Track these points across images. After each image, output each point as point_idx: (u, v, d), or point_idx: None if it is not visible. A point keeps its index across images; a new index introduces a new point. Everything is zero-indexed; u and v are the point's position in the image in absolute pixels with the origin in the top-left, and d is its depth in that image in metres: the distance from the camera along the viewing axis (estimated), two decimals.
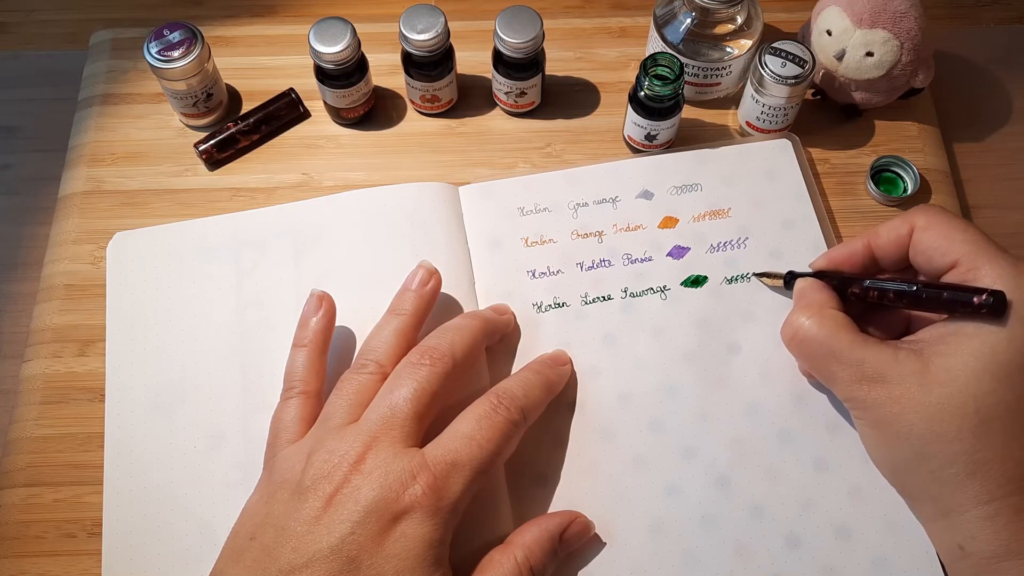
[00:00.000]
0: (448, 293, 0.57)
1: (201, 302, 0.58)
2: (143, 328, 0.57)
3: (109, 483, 0.53)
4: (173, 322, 0.57)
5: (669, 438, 0.53)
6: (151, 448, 0.54)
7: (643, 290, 0.58)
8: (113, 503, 0.52)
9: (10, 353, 0.60)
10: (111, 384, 0.56)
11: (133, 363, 0.56)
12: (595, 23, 0.71)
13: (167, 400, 0.55)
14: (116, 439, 0.54)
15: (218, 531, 0.50)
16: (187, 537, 0.51)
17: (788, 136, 0.63)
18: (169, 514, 0.52)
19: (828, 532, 0.51)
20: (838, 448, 0.53)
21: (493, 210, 0.61)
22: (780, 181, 0.61)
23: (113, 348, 0.57)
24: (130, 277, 0.59)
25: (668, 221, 0.60)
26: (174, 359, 0.56)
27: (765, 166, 0.62)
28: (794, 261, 0.58)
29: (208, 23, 0.69)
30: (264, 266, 0.59)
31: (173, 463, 0.53)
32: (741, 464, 0.53)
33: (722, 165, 0.62)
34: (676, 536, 0.51)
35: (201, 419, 0.54)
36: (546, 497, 0.52)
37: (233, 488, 0.52)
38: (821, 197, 0.62)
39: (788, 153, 0.62)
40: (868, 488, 0.52)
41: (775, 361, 0.55)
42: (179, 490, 0.53)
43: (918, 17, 0.59)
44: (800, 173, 0.62)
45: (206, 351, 0.56)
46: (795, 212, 0.60)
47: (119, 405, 0.55)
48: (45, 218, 0.64)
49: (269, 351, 0.56)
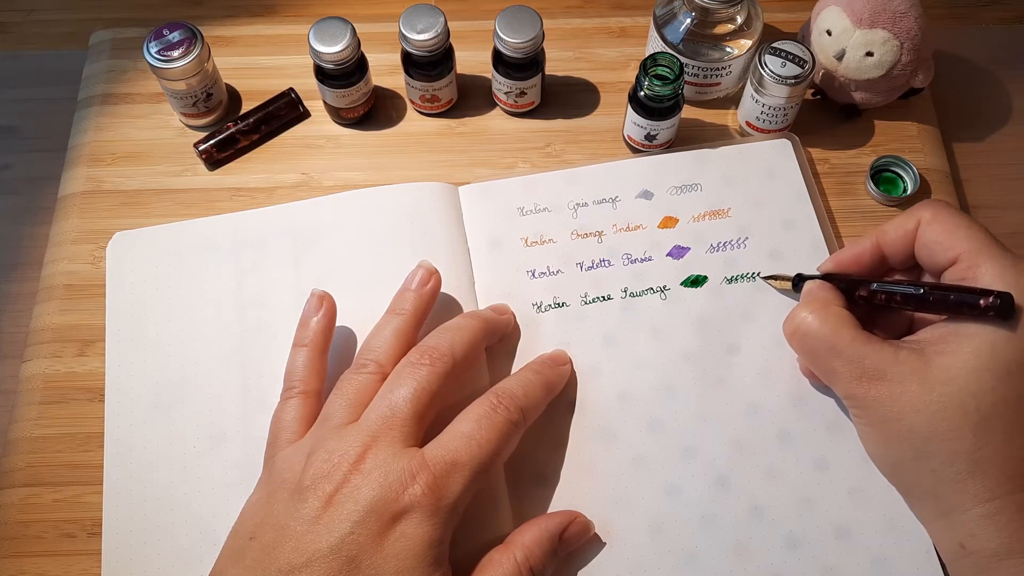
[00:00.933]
0: (448, 293, 0.57)
1: (201, 302, 0.58)
2: (143, 328, 0.57)
3: (109, 482, 0.53)
4: (173, 322, 0.57)
5: (669, 438, 0.53)
6: (151, 448, 0.54)
7: (643, 290, 0.58)
8: (113, 503, 0.52)
9: (10, 353, 0.60)
10: (111, 384, 0.56)
11: (133, 363, 0.56)
12: (595, 23, 0.71)
13: (167, 400, 0.55)
14: (116, 439, 0.54)
15: (218, 531, 0.50)
16: (187, 537, 0.51)
17: (788, 136, 0.63)
18: (169, 514, 0.52)
19: (828, 532, 0.51)
20: (838, 448, 0.53)
21: (493, 210, 0.61)
22: (780, 181, 0.61)
23: (113, 348, 0.57)
24: (130, 277, 0.59)
25: (668, 221, 0.60)
26: (174, 359, 0.56)
27: (765, 166, 0.62)
28: (794, 261, 0.58)
29: (208, 23, 0.69)
30: (264, 266, 0.59)
31: (173, 463, 0.53)
32: (741, 464, 0.53)
33: (722, 165, 0.62)
34: (676, 536, 0.51)
35: (201, 419, 0.54)
36: (546, 497, 0.52)
37: (233, 488, 0.52)
38: (821, 197, 0.62)
39: (788, 153, 0.62)
40: (868, 488, 0.52)
41: (775, 361, 0.55)
42: (179, 490, 0.53)
43: (918, 17, 0.59)
44: (800, 173, 0.62)
45: (206, 351, 0.56)
46: (795, 212, 0.60)
47: (119, 405, 0.55)
48: (45, 218, 0.64)
49: (269, 351, 0.56)
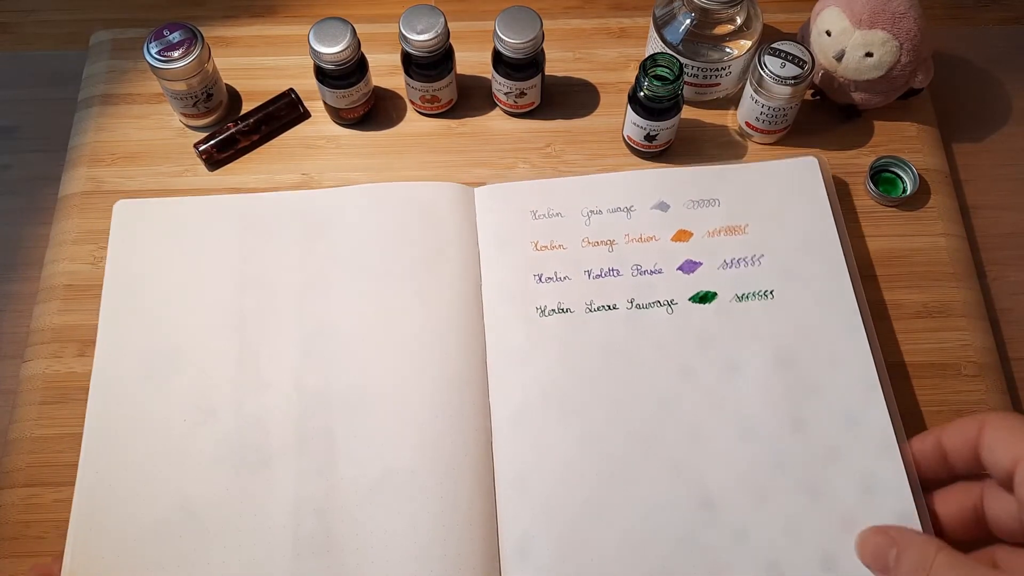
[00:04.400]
0: (455, 293, 0.57)
1: (203, 276, 0.58)
2: (141, 297, 0.57)
3: (88, 443, 0.53)
4: (174, 292, 0.57)
5: (659, 453, 0.53)
6: (138, 414, 0.54)
7: (650, 303, 0.57)
8: (91, 464, 0.52)
9: (10, 353, 0.60)
10: (102, 346, 0.55)
11: (128, 330, 0.56)
12: (595, 23, 0.71)
13: (161, 369, 0.55)
14: (102, 398, 0.54)
15: (198, 507, 0.51)
16: (164, 509, 0.51)
17: (815, 155, 0.62)
18: (149, 484, 0.52)
19: (814, 562, 0.50)
20: (832, 477, 0.52)
21: (506, 212, 0.60)
22: (803, 200, 0.60)
23: (107, 313, 0.57)
24: (132, 244, 0.59)
25: (682, 234, 0.60)
26: (169, 328, 0.56)
27: (789, 184, 0.61)
28: (812, 282, 0.57)
29: (208, 23, 0.69)
30: (271, 248, 0.59)
31: (158, 433, 0.53)
32: (730, 486, 0.52)
33: (743, 182, 0.61)
34: (655, 555, 0.50)
35: (193, 393, 0.54)
36: (528, 502, 0.51)
37: (219, 464, 0.53)
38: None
39: (814, 172, 0.61)
40: (860, 520, 0.49)
41: (776, 385, 0.54)
42: (162, 460, 0.53)
43: (917, 18, 0.59)
44: (825, 193, 0.60)
45: (203, 325, 0.56)
46: (816, 233, 0.59)
47: (108, 367, 0.55)
48: (45, 218, 0.64)
49: (268, 332, 0.56)
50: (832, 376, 0.54)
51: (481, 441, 0.54)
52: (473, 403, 0.54)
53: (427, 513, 0.51)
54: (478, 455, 0.53)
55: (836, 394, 0.54)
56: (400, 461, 0.53)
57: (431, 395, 0.54)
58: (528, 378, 0.55)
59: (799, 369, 0.55)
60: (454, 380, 0.55)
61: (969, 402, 0.56)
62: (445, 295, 0.57)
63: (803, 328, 0.56)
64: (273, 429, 0.54)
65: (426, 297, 0.57)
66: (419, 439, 0.53)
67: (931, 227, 0.62)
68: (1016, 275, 0.63)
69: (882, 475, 0.51)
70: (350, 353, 0.56)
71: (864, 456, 0.52)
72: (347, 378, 0.55)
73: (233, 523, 0.51)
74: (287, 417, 0.54)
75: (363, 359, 0.56)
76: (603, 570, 0.50)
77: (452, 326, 0.56)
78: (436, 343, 0.56)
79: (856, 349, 0.55)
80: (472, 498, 0.52)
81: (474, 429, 0.54)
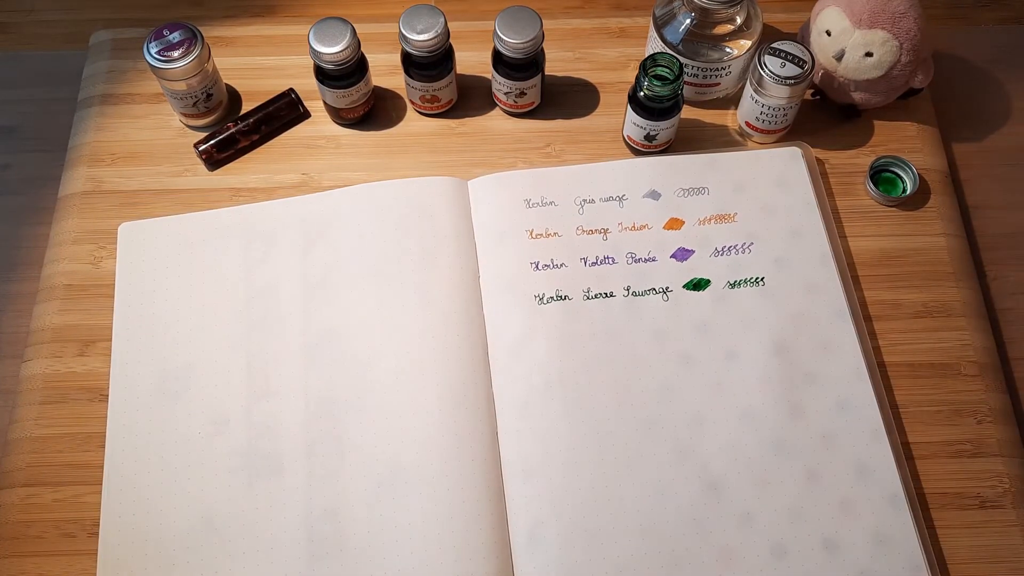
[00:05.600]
0: (454, 286, 0.58)
1: (210, 291, 0.58)
2: (151, 316, 0.58)
3: (110, 466, 0.53)
4: (182, 310, 0.58)
5: (663, 439, 0.53)
6: (155, 432, 0.54)
7: (645, 290, 0.58)
8: (114, 486, 0.53)
9: (10, 353, 0.60)
10: (116, 371, 0.56)
11: (140, 350, 0.57)
12: (595, 23, 0.71)
13: (173, 386, 0.55)
14: (119, 423, 0.54)
15: (219, 516, 0.52)
16: (187, 520, 0.52)
17: (799, 144, 0.63)
18: (170, 498, 0.53)
19: (816, 543, 0.51)
20: (831, 460, 0.53)
21: (500, 202, 0.61)
22: (789, 189, 0.61)
23: (120, 335, 0.57)
24: (140, 266, 0.59)
25: (674, 223, 0.60)
26: (181, 346, 0.57)
27: (775, 174, 0.62)
28: (800, 269, 0.58)
29: (208, 23, 0.69)
30: (273, 257, 0.59)
31: (176, 447, 0.54)
32: (734, 470, 0.52)
33: (732, 170, 0.62)
34: (664, 538, 0.51)
35: (205, 405, 0.55)
36: (534, 493, 0.52)
37: (234, 474, 0.53)
38: (830, 200, 0.62)
39: (799, 162, 0.62)
40: (858, 501, 0.51)
41: (773, 369, 0.55)
42: (181, 474, 0.53)
43: (917, 18, 0.59)
44: (810, 182, 0.61)
45: (213, 339, 0.57)
46: (803, 221, 0.60)
47: (124, 391, 0.55)
48: (45, 218, 0.64)
49: (274, 340, 0.57)
50: (825, 363, 0.55)
51: (487, 432, 0.54)
52: (477, 396, 0.55)
53: (437, 507, 0.52)
54: (485, 446, 0.53)
55: (829, 381, 0.55)
56: (408, 458, 0.53)
57: (435, 391, 0.55)
58: (530, 368, 0.55)
59: (793, 355, 0.56)
60: (457, 374, 0.55)
61: (969, 402, 0.56)
62: (444, 289, 0.57)
63: (794, 315, 0.57)
64: (283, 435, 0.54)
65: (426, 293, 0.57)
66: (425, 435, 0.54)
67: (931, 227, 0.62)
68: (1016, 275, 0.63)
69: (872, 460, 0.53)
70: (354, 355, 0.56)
71: (856, 442, 0.53)
72: (352, 380, 0.55)
73: (251, 531, 0.52)
74: (295, 422, 0.54)
75: (367, 360, 0.56)
76: (612, 554, 0.50)
77: (453, 320, 0.57)
78: (438, 339, 0.56)
79: (844, 337, 0.56)
80: (480, 489, 0.52)
81: (479, 421, 0.54)
